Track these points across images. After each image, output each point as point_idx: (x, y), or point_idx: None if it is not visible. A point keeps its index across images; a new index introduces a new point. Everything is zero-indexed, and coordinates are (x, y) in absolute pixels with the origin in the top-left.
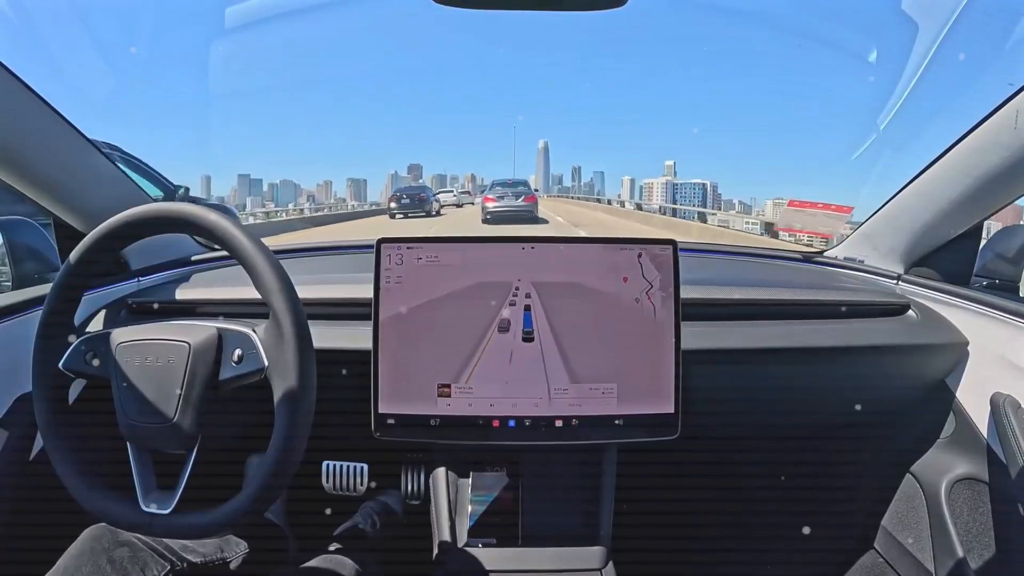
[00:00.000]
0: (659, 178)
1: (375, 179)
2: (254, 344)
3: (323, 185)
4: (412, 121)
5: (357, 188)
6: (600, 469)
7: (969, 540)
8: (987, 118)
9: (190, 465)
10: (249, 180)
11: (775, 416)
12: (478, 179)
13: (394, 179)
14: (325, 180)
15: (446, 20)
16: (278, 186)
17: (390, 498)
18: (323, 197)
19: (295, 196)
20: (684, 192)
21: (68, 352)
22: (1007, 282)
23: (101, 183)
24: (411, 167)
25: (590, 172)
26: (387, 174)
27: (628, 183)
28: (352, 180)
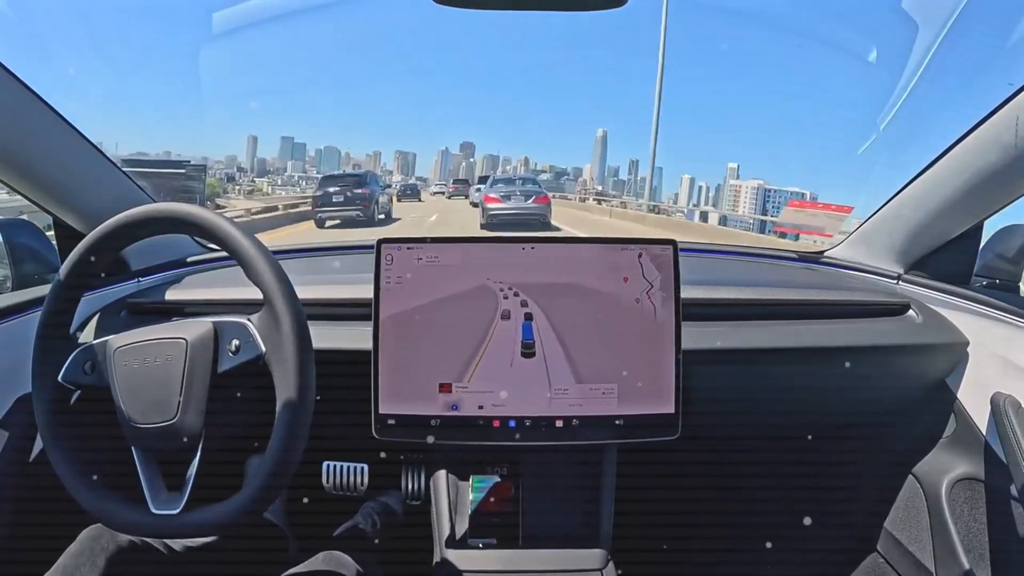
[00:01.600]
0: (749, 181)
1: (425, 154)
2: (250, 333)
3: (372, 155)
4: (468, 98)
5: (405, 161)
6: (600, 469)
7: (969, 540)
8: (987, 118)
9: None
10: (292, 143)
11: (775, 416)
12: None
13: (444, 156)
14: (374, 150)
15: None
16: (322, 152)
17: (390, 498)
18: (371, 168)
19: (339, 163)
20: (778, 200)
21: (66, 365)
22: (1007, 282)
23: (101, 183)
24: (463, 145)
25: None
26: (437, 150)
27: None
28: (400, 153)
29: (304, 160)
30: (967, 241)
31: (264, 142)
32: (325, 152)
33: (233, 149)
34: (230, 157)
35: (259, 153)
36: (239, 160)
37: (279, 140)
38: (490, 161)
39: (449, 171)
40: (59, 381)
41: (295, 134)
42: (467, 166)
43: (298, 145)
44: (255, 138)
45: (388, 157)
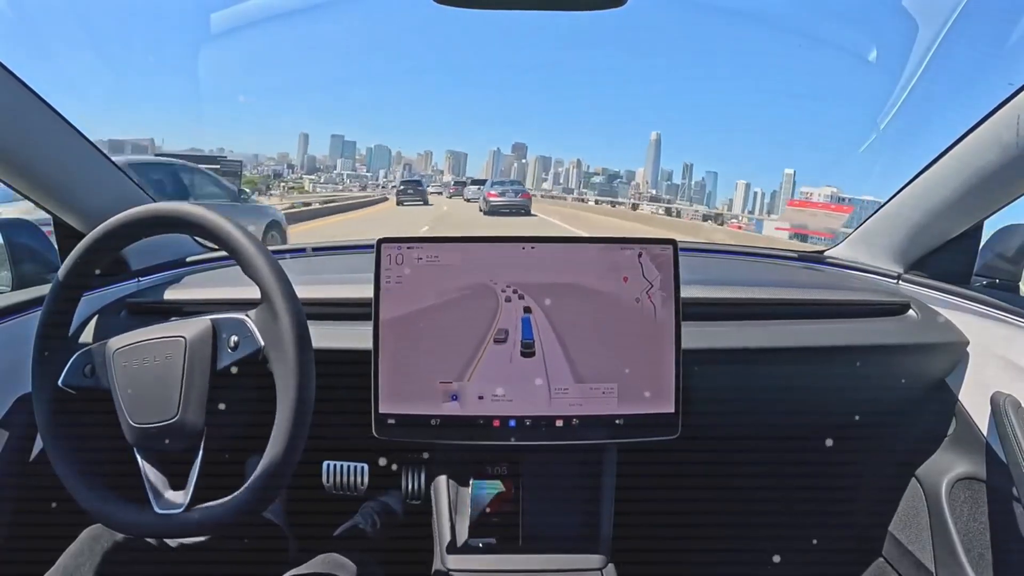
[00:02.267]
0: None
1: (476, 154)
2: (248, 328)
3: (423, 155)
4: (520, 99)
5: (456, 161)
6: (600, 469)
7: (969, 540)
8: (987, 118)
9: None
10: (343, 141)
11: (775, 416)
12: (583, 165)
13: (496, 156)
14: (425, 150)
15: None
16: (372, 150)
17: (390, 498)
18: (422, 167)
19: (390, 162)
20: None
21: (66, 369)
22: (1007, 282)
23: (101, 183)
24: (515, 146)
25: (702, 171)
26: (489, 151)
27: (743, 188)
28: (451, 152)
29: (354, 158)
30: (967, 241)
31: (316, 139)
32: (376, 151)
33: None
34: (282, 154)
35: (310, 151)
36: (290, 157)
37: (329, 138)
38: (542, 163)
39: (500, 171)
40: (59, 385)
41: (345, 132)
42: (519, 167)
43: (348, 143)
44: (306, 136)
45: (440, 157)
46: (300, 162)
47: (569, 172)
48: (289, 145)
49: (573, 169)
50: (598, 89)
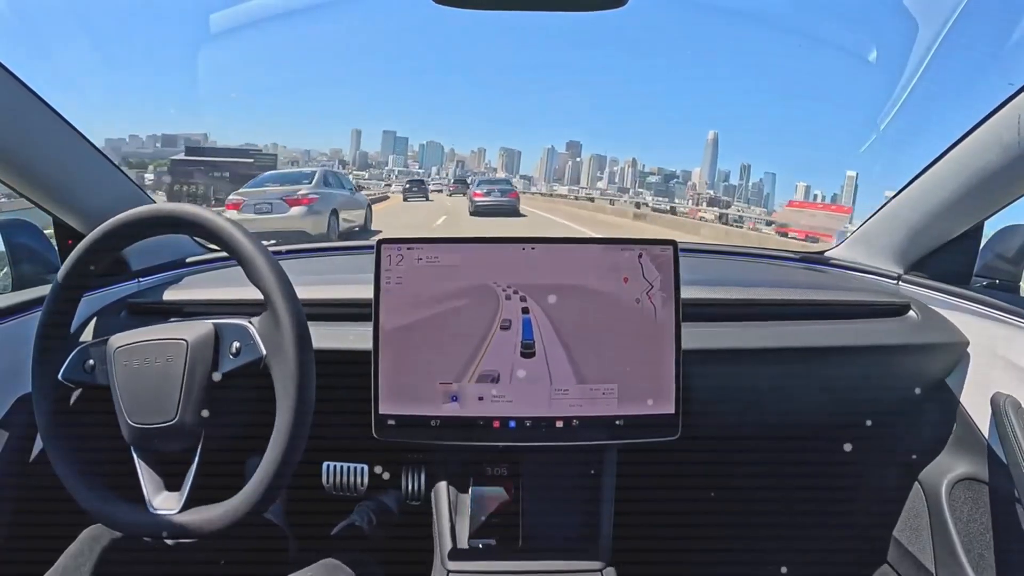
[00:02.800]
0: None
1: (530, 152)
2: (251, 335)
3: (476, 152)
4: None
5: (510, 159)
6: (600, 470)
7: (970, 540)
8: (987, 118)
9: (196, 462)
10: (394, 137)
11: (775, 416)
12: (638, 164)
13: (550, 155)
14: (479, 147)
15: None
16: (425, 147)
17: (388, 498)
18: (475, 164)
19: (442, 159)
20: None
21: (67, 363)
22: (1007, 282)
23: (101, 183)
24: (569, 144)
25: (760, 172)
26: (543, 148)
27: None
28: (505, 150)
29: (406, 155)
30: (967, 241)
31: (370, 136)
32: (428, 147)
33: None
34: (335, 150)
35: (363, 147)
36: (343, 153)
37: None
38: (597, 161)
39: (554, 170)
40: (59, 379)
41: (398, 128)
42: (573, 165)
43: (400, 139)
44: (359, 132)
45: (493, 154)
46: (352, 158)
47: (624, 171)
48: (342, 141)
49: (628, 168)
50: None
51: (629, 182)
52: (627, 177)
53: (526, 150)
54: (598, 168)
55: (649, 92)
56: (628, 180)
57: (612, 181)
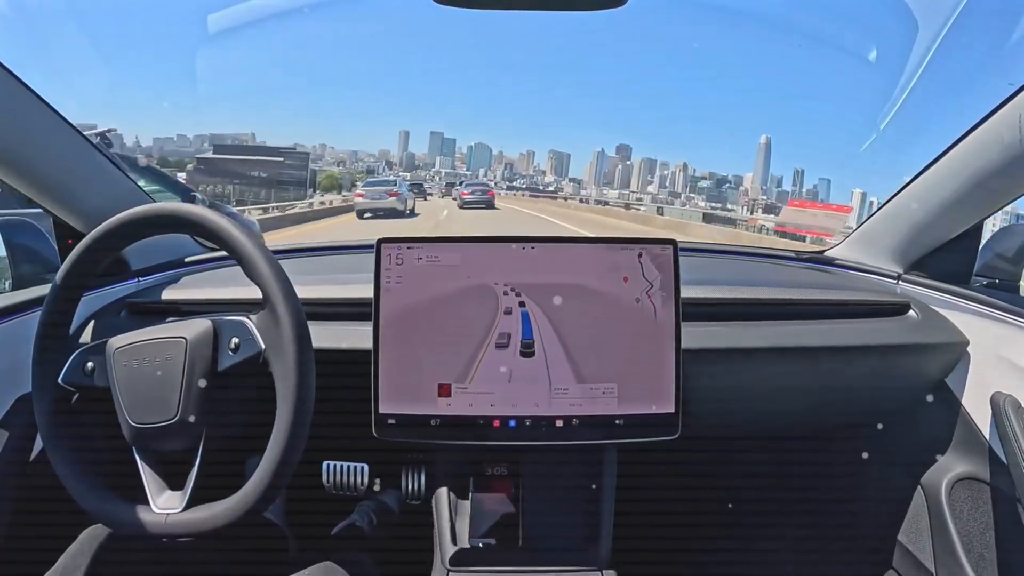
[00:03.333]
0: None
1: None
2: (249, 330)
3: (525, 155)
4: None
5: (559, 162)
6: (600, 469)
7: (970, 540)
8: (987, 117)
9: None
10: (442, 139)
11: (775, 416)
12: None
13: (600, 158)
14: (528, 149)
15: None
16: (473, 148)
17: (388, 497)
18: (523, 167)
19: (490, 161)
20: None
21: (66, 367)
22: (1007, 282)
23: (101, 183)
24: (619, 147)
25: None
26: (593, 151)
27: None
28: (554, 152)
29: (454, 156)
30: (967, 241)
31: (418, 137)
32: (476, 148)
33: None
34: (383, 151)
35: (411, 148)
36: (390, 154)
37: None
38: (647, 165)
39: (604, 173)
40: (59, 383)
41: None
42: (623, 169)
43: (447, 141)
44: (406, 133)
45: (542, 157)
46: (399, 159)
47: (675, 175)
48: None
49: (679, 172)
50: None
51: (680, 186)
52: (678, 181)
53: (576, 153)
54: (648, 172)
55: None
56: (679, 184)
57: (663, 185)
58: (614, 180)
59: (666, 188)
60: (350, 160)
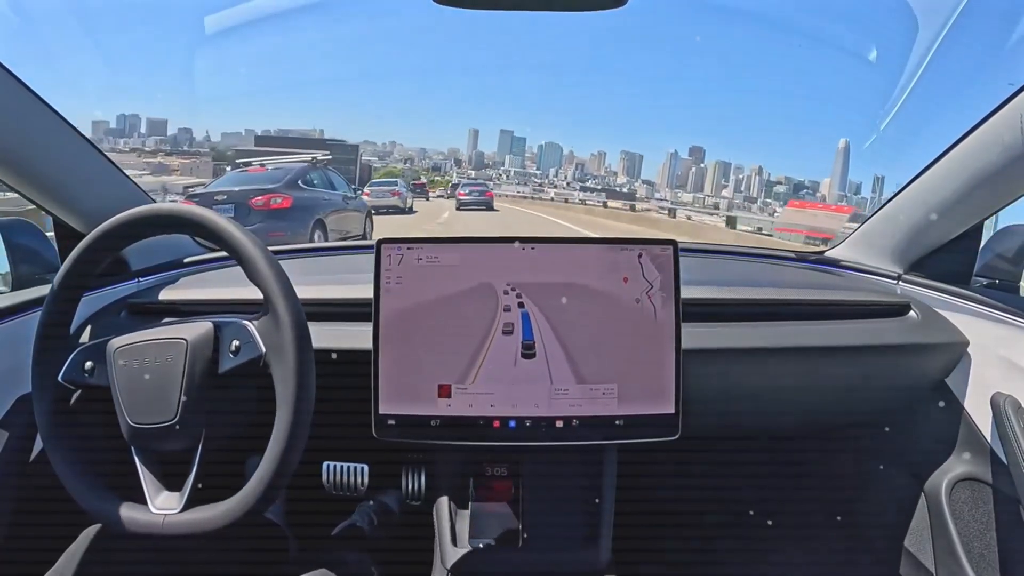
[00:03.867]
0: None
1: (652, 156)
2: (250, 333)
3: (596, 155)
4: (698, 101)
5: (631, 163)
6: (601, 470)
7: (970, 540)
8: (987, 118)
9: (196, 461)
10: (512, 137)
11: (775, 416)
12: (764, 173)
13: (673, 160)
14: (599, 150)
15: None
16: (543, 147)
17: (388, 498)
18: (595, 168)
19: (560, 161)
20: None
21: (66, 365)
22: (1007, 282)
23: (101, 183)
24: (692, 149)
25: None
26: (666, 153)
27: None
28: (626, 153)
29: (523, 155)
30: (967, 241)
31: (488, 135)
32: (546, 148)
33: (456, 142)
34: (452, 149)
35: (480, 147)
36: (460, 152)
37: (499, 133)
38: (721, 168)
39: (677, 175)
40: (59, 381)
41: (515, 128)
42: (697, 172)
43: (518, 139)
44: (476, 132)
45: (614, 157)
46: (468, 157)
47: (751, 179)
48: (460, 141)
49: (755, 176)
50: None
51: (756, 191)
52: (754, 185)
53: (648, 154)
54: (723, 175)
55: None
56: (755, 188)
57: (738, 189)
58: (687, 183)
59: (741, 192)
60: (419, 157)
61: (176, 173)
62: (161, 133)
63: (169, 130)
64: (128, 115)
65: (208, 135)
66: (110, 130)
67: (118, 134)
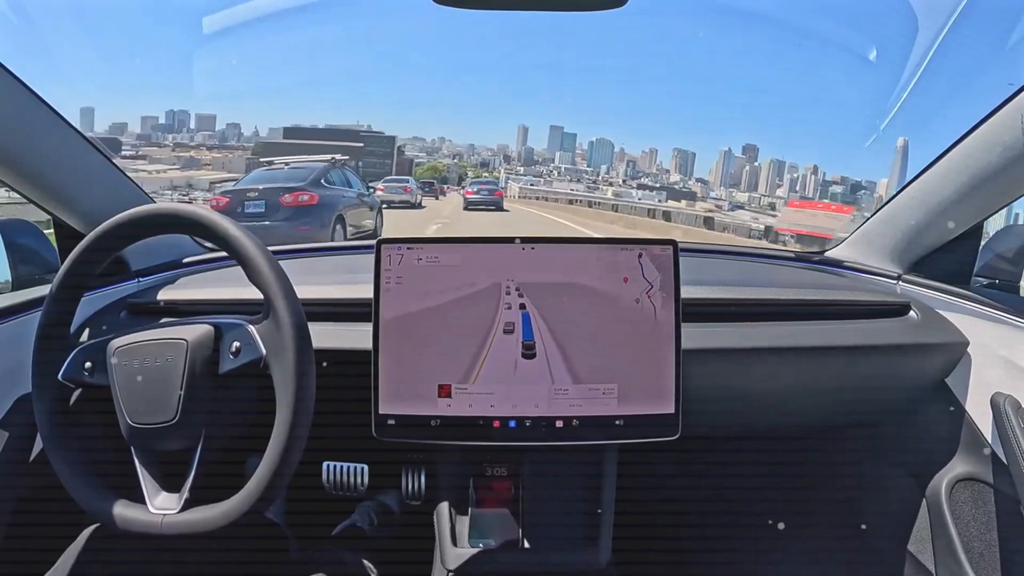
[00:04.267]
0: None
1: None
2: (251, 335)
3: (648, 152)
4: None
5: (684, 160)
6: (601, 470)
7: (970, 540)
8: (987, 118)
9: (196, 462)
10: (562, 133)
11: (775, 417)
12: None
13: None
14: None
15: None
16: (594, 144)
17: (388, 498)
18: (646, 165)
19: (611, 158)
20: None
21: (67, 363)
22: (1007, 282)
23: (101, 183)
24: (746, 147)
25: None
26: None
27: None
28: (678, 150)
29: (574, 152)
30: (967, 241)
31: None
32: (597, 144)
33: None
34: (502, 146)
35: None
36: (509, 148)
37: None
38: (775, 166)
39: (730, 174)
40: (59, 380)
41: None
42: (751, 170)
43: (568, 135)
44: (525, 128)
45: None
46: (517, 154)
47: (806, 178)
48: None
49: (810, 175)
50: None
51: (811, 190)
52: (809, 185)
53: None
54: (776, 173)
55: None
56: (810, 188)
57: (793, 189)
58: (741, 181)
59: (796, 192)
60: (467, 153)
61: (207, 168)
62: (210, 128)
63: (217, 125)
64: (177, 111)
65: (257, 130)
66: (159, 125)
67: (167, 129)
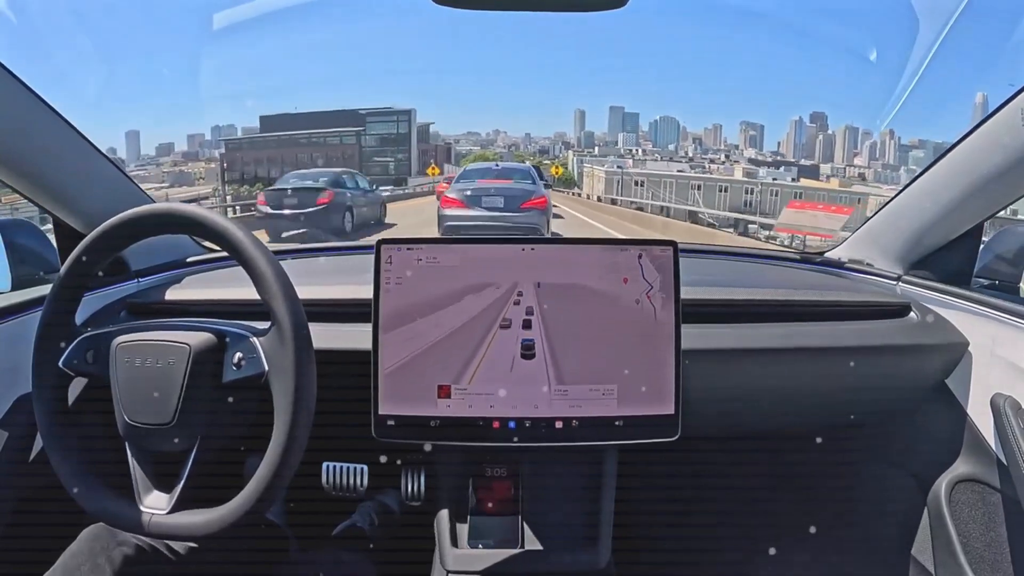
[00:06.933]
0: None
1: (774, 125)
2: (255, 348)
3: (711, 128)
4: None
5: (752, 134)
6: (600, 470)
7: (969, 541)
8: (988, 118)
9: (189, 466)
10: (623, 113)
11: (775, 417)
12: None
13: (798, 127)
14: (713, 124)
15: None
16: (657, 123)
17: (388, 498)
18: (711, 142)
19: (678, 137)
20: None
21: (68, 350)
22: (1007, 283)
23: (101, 183)
24: (814, 115)
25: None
26: (789, 121)
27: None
28: (746, 124)
29: (637, 133)
30: (967, 242)
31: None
32: (660, 123)
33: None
34: (559, 133)
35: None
36: (567, 135)
37: (608, 111)
38: (850, 133)
39: (802, 144)
40: (60, 367)
41: (626, 104)
42: (823, 139)
43: (629, 115)
44: (583, 112)
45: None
46: (576, 139)
47: (885, 144)
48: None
49: (889, 140)
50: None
51: (891, 156)
52: (888, 151)
53: (769, 123)
54: (851, 142)
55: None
56: (889, 154)
57: (873, 157)
58: (814, 152)
59: (878, 160)
60: (524, 143)
61: (201, 182)
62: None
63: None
64: (223, 126)
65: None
66: (205, 142)
67: (213, 146)
